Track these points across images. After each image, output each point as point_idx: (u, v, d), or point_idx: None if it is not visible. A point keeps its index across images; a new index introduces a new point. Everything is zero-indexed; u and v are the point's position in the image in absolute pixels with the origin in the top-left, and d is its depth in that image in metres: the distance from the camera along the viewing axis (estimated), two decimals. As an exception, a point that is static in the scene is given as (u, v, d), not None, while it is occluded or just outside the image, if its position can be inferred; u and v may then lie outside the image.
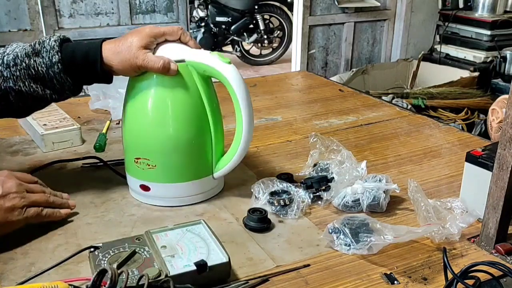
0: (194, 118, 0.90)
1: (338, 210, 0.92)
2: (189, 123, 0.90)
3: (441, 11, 3.95)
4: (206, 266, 0.68)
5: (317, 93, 1.65)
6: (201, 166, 0.93)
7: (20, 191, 0.78)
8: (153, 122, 0.90)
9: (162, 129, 0.89)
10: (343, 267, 0.76)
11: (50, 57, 0.84)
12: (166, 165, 0.90)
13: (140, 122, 0.90)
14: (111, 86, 1.37)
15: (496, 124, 2.84)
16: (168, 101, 0.89)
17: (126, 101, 0.92)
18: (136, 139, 0.91)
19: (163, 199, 0.93)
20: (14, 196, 0.77)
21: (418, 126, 1.35)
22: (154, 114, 0.89)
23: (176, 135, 0.90)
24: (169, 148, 0.90)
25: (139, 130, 0.91)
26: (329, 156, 1.00)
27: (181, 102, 0.89)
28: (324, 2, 3.59)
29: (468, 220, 0.82)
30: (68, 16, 2.84)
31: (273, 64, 5.68)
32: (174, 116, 0.89)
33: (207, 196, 0.95)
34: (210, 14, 5.32)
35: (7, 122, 1.34)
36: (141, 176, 0.92)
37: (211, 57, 0.88)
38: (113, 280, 0.59)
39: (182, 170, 0.92)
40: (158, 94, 0.89)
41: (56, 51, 0.84)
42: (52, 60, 0.83)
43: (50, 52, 0.84)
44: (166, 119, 0.89)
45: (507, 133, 0.74)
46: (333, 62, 3.82)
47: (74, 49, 0.86)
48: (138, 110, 0.90)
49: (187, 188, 0.93)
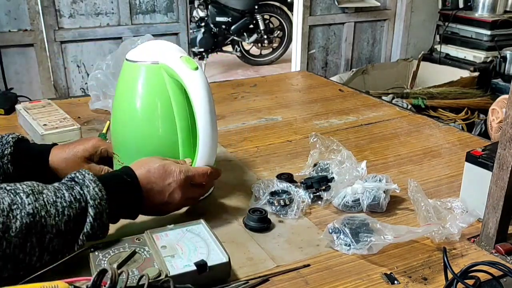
0: (161, 120, 0.90)
1: (338, 210, 0.92)
2: (153, 124, 0.90)
3: (441, 11, 3.95)
4: (206, 266, 0.68)
5: (317, 93, 1.65)
6: None
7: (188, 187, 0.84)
8: (121, 120, 0.92)
9: (127, 128, 0.91)
10: (343, 267, 0.77)
11: (3, 150, 0.89)
12: (131, 162, 0.89)
13: (115, 120, 0.94)
14: (111, 86, 1.38)
15: (496, 124, 2.84)
16: (136, 101, 0.90)
17: (114, 98, 0.96)
18: (114, 135, 0.95)
19: None
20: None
21: (418, 126, 1.35)
22: (121, 111, 0.92)
23: (140, 135, 0.91)
24: (132, 147, 0.91)
25: (115, 127, 0.95)
26: (329, 156, 1.00)
27: (148, 103, 0.90)
28: (324, 2, 3.59)
29: (468, 220, 0.83)
30: (68, 16, 2.84)
31: (273, 64, 5.68)
32: (139, 116, 0.90)
33: None
34: (210, 14, 5.32)
35: (7, 122, 1.34)
36: None
37: (178, 61, 0.87)
38: (113, 280, 0.59)
39: None
40: (129, 94, 0.91)
41: (9, 145, 0.89)
42: (4, 152, 0.89)
43: (4, 146, 0.89)
44: (133, 118, 0.91)
45: (507, 133, 0.74)
46: (333, 62, 3.82)
47: (28, 146, 0.93)
48: (117, 108, 0.94)
49: None
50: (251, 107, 0.93)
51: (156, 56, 0.89)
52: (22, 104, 1.35)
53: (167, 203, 0.83)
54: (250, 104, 0.93)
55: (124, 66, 0.93)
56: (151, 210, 0.84)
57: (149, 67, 0.89)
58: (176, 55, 0.88)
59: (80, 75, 2.98)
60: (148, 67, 0.89)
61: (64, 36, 2.86)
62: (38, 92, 2.85)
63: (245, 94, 0.96)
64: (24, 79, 2.82)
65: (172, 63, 0.87)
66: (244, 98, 0.96)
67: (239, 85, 0.96)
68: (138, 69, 0.90)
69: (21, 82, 2.80)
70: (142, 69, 0.90)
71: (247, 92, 0.93)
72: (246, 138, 0.98)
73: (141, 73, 0.90)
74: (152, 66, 0.89)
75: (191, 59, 0.88)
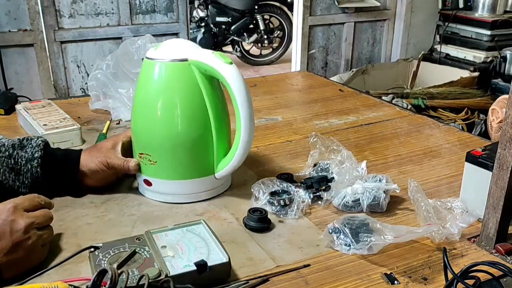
0: (194, 117, 0.91)
1: (338, 210, 0.92)
2: (188, 121, 0.91)
3: (441, 11, 3.95)
4: (206, 266, 0.68)
5: (317, 93, 1.65)
6: (202, 165, 0.94)
7: (31, 229, 0.73)
8: (153, 119, 0.91)
9: (161, 126, 0.91)
10: (343, 267, 0.76)
11: (33, 152, 0.91)
12: (165, 162, 0.92)
13: (143, 119, 0.93)
14: (111, 86, 1.38)
15: (496, 124, 2.84)
16: (168, 99, 0.90)
17: (134, 98, 0.95)
18: (140, 135, 0.94)
19: (164, 195, 0.94)
20: (27, 237, 0.72)
21: (418, 126, 1.35)
22: (154, 111, 0.91)
23: (175, 133, 0.90)
24: (168, 146, 0.91)
25: (142, 127, 0.93)
26: (329, 156, 1.00)
27: (181, 101, 0.90)
28: (324, 2, 3.59)
29: (468, 220, 0.82)
30: (68, 16, 2.84)
31: (273, 64, 5.67)
32: (173, 114, 0.90)
33: (209, 195, 0.96)
34: (210, 14, 5.32)
35: (7, 122, 1.35)
36: (144, 171, 0.94)
37: (212, 57, 0.88)
38: (113, 280, 0.59)
39: (181, 167, 0.92)
40: (160, 92, 0.91)
41: (40, 149, 0.91)
42: (34, 155, 0.90)
43: (35, 149, 0.91)
44: (166, 116, 0.90)
45: (507, 133, 0.74)
46: (333, 62, 3.82)
47: (55, 150, 0.96)
48: (142, 107, 0.93)
49: (187, 186, 0.93)
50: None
51: (183, 53, 0.90)
52: (22, 104, 1.35)
53: (18, 242, 0.71)
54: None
55: (146, 65, 0.92)
56: (10, 265, 0.71)
57: (178, 65, 0.90)
58: (207, 51, 0.90)
59: (80, 75, 2.98)
60: (176, 65, 0.90)
61: (64, 36, 2.86)
62: (38, 92, 2.86)
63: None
64: (24, 79, 2.83)
65: (207, 59, 0.88)
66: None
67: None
68: (166, 68, 0.90)
69: (21, 82, 2.80)
70: (171, 68, 0.90)
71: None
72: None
73: (170, 71, 0.90)
74: (180, 64, 0.89)
75: (223, 54, 0.90)
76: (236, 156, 0.92)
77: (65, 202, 0.93)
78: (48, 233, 0.77)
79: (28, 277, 0.71)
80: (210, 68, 0.88)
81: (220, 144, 0.94)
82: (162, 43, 0.94)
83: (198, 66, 0.89)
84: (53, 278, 0.71)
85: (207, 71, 0.89)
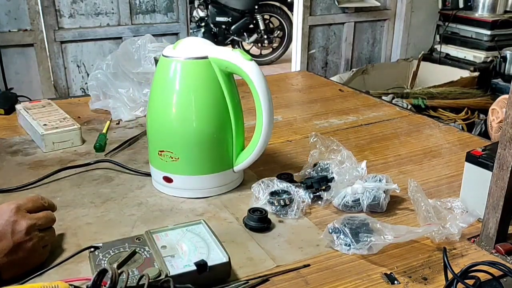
0: (216, 113, 0.93)
1: (338, 210, 0.92)
2: (211, 117, 0.92)
3: (441, 11, 3.95)
4: (206, 266, 0.68)
5: (317, 93, 1.65)
6: (222, 160, 0.96)
7: (33, 230, 0.73)
8: (176, 117, 0.92)
9: (185, 123, 0.92)
10: (343, 267, 0.76)
11: None
12: (189, 158, 0.93)
13: (164, 117, 0.94)
14: (111, 86, 1.38)
15: (496, 124, 2.84)
16: (191, 96, 0.92)
17: (151, 96, 0.96)
18: (160, 133, 0.95)
19: (185, 190, 0.96)
20: (29, 238, 0.72)
21: (418, 126, 1.35)
22: (177, 109, 0.92)
23: (198, 129, 0.92)
24: (192, 142, 0.92)
25: (163, 125, 0.94)
26: (329, 156, 1.00)
27: (203, 98, 0.92)
28: (324, 2, 3.59)
29: (468, 220, 0.82)
30: (68, 16, 2.84)
31: (273, 64, 5.67)
32: (196, 111, 0.92)
33: (227, 189, 0.98)
34: (210, 14, 5.32)
35: (7, 122, 1.35)
36: (165, 168, 0.95)
37: (233, 54, 0.90)
38: (113, 280, 0.59)
39: (204, 163, 0.94)
40: (181, 89, 0.92)
41: None
42: None
43: None
44: (189, 113, 0.92)
45: (507, 133, 0.74)
46: (333, 62, 3.82)
47: None
48: (162, 105, 0.94)
49: (209, 180, 0.95)
50: (251, 107, 0.94)
51: (203, 51, 0.91)
52: (22, 104, 1.35)
53: (19, 243, 0.71)
54: (250, 104, 0.93)
55: (165, 64, 0.93)
56: (10, 265, 0.70)
57: (198, 63, 0.91)
58: (226, 49, 0.91)
59: (80, 75, 2.98)
60: (197, 63, 0.91)
61: (64, 36, 2.86)
62: (38, 92, 2.85)
63: (245, 94, 0.96)
64: (24, 79, 2.82)
65: (228, 56, 0.90)
66: (244, 98, 0.97)
67: (239, 85, 0.96)
68: (186, 66, 0.91)
69: (21, 82, 2.80)
70: (191, 65, 0.91)
71: (247, 92, 0.93)
72: (246, 138, 0.99)
73: (190, 69, 0.91)
74: (201, 62, 0.91)
75: (243, 51, 0.92)
76: (256, 149, 0.95)
77: (65, 202, 0.93)
78: (50, 235, 0.77)
79: (28, 277, 0.71)
80: (232, 65, 0.90)
81: (238, 139, 0.96)
82: (179, 41, 0.95)
83: (218, 64, 0.91)
84: (53, 278, 0.71)
85: (228, 68, 0.91)
